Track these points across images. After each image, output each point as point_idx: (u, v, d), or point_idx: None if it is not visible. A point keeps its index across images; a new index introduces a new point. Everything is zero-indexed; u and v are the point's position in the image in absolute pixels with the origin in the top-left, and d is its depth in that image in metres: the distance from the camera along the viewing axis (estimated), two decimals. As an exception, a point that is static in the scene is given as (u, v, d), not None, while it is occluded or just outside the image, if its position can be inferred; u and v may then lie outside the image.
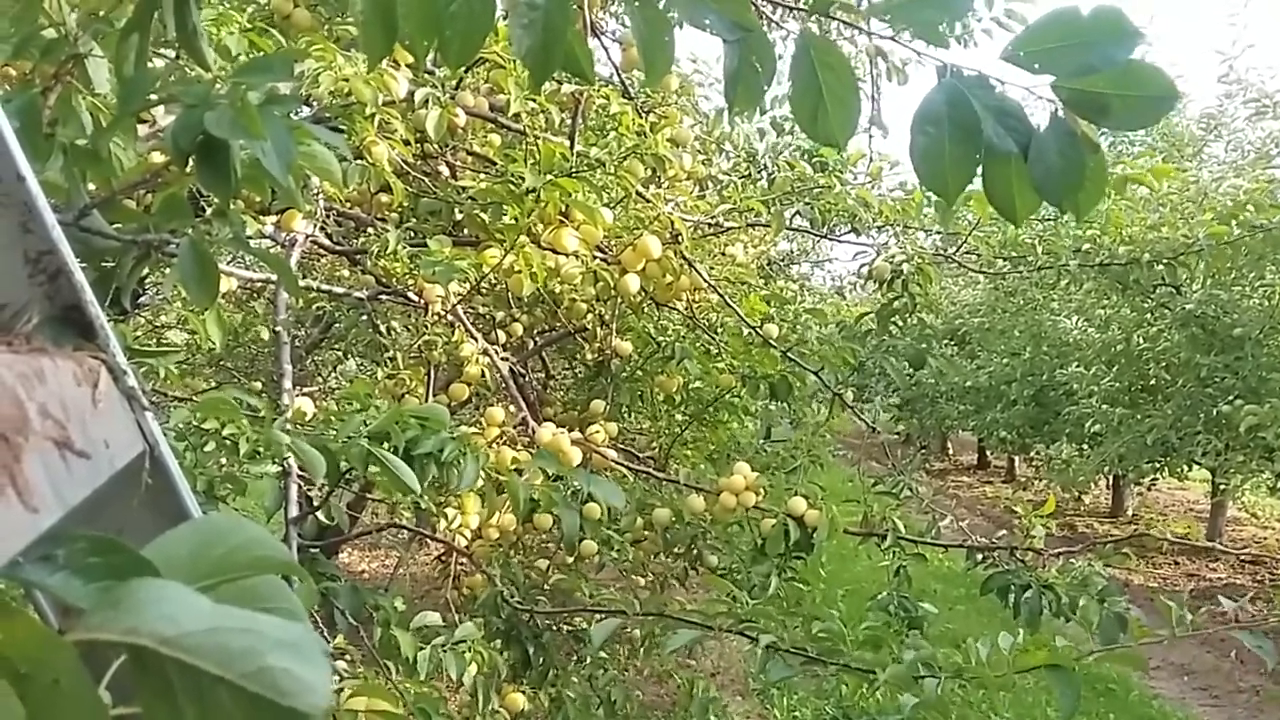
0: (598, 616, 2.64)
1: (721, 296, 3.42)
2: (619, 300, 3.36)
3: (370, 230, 2.88)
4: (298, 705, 0.33)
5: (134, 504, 0.67)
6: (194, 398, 2.22)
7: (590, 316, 3.51)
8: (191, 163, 0.95)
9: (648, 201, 3.11)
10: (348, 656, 2.22)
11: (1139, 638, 2.22)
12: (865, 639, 2.13)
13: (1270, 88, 10.05)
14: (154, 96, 1.07)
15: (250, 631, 0.35)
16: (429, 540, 4.39)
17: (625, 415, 4.18)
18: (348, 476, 2.51)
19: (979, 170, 1.08)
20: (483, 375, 3.01)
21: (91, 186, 1.27)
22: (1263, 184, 6.45)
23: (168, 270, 1.51)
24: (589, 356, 3.81)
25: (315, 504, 2.14)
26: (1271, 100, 9.94)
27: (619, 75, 3.39)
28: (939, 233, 4.34)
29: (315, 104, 2.52)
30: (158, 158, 1.52)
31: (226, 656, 0.34)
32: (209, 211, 1.12)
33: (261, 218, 2.71)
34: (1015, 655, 1.94)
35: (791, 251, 8.13)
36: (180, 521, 0.58)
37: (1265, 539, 12.16)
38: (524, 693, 2.83)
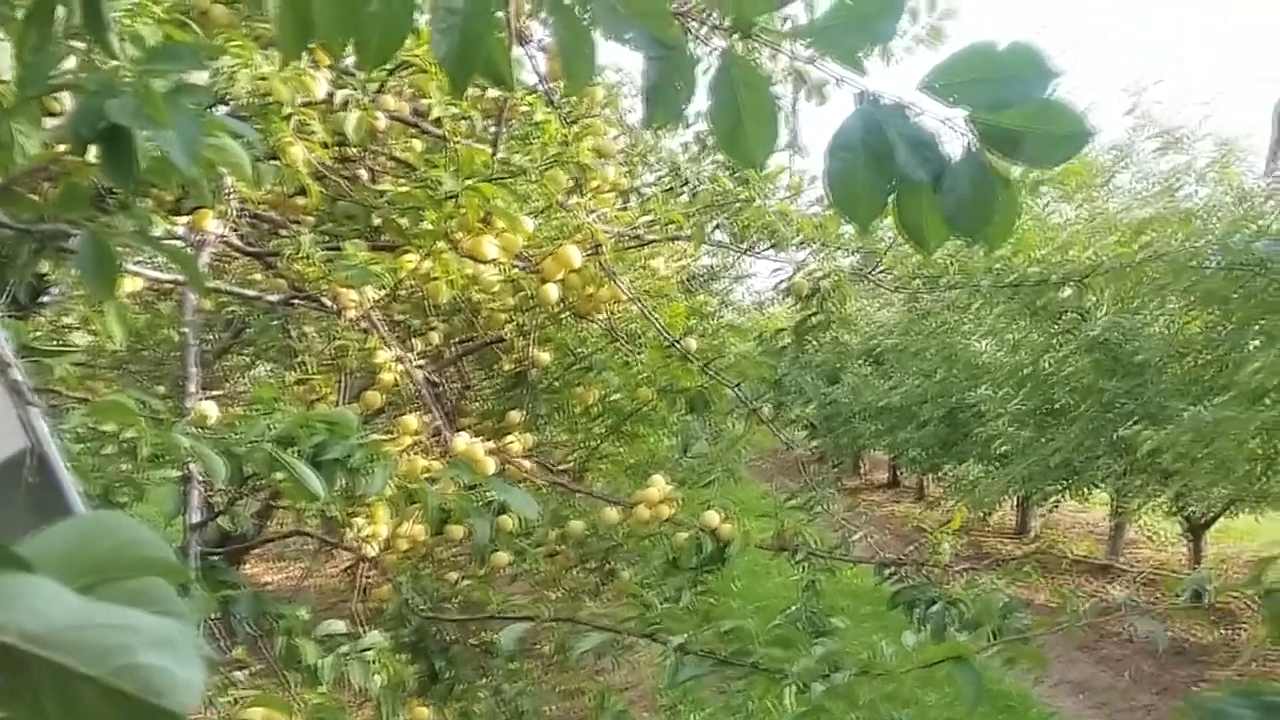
0: (508, 624, 2.61)
1: (642, 308, 3.42)
2: (538, 310, 3.35)
3: (284, 232, 2.83)
4: (170, 705, 0.32)
5: (16, 504, 0.65)
6: (93, 399, 2.15)
7: (509, 326, 3.49)
8: (94, 152, 0.92)
9: (570, 211, 3.11)
10: (249, 670, 2.16)
11: (1039, 627, 2.29)
12: (774, 638, 2.15)
13: (1175, 122, 10.42)
14: (59, 83, 1.03)
15: (122, 628, 0.33)
16: (337, 552, 4.31)
17: (543, 427, 4.16)
18: (255, 484, 2.45)
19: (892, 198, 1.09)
20: (397, 383, 2.97)
21: (-12, 175, 1.22)
22: (1165, 214, 6.69)
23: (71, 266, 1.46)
24: (507, 367, 3.78)
25: (218, 510, 2.09)
26: (1174, 135, 10.31)
27: (544, 84, 3.38)
28: (857, 250, 4.42)
29: (231, 102, 2.47)
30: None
31: (96, 654, 0.33)
32: (113, 204, 1.08)
33: (173, 218, 2.65)
34: (919, 651, 1.98)
35: (713, 267, 8.19)
36: (63, 520, 0.56)
37: (1162, 560, 12.56)
38: (429, 706, 2.79)
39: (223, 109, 2.42)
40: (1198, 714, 0.65)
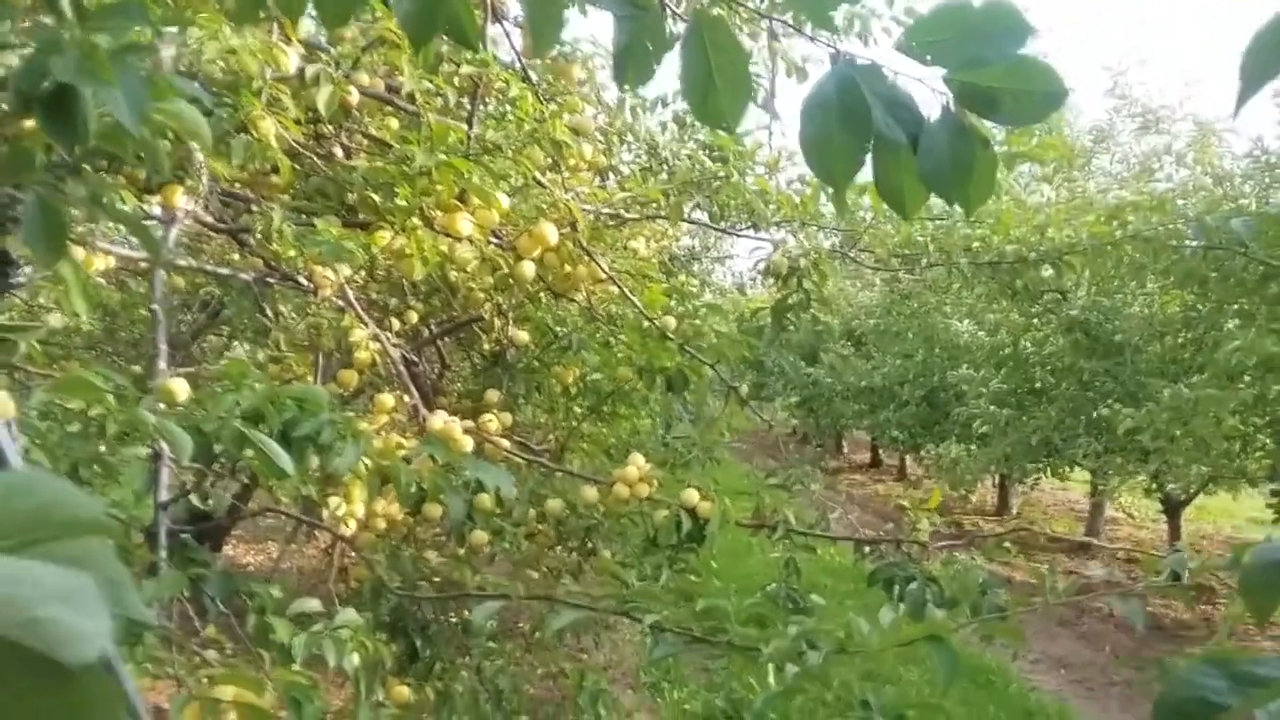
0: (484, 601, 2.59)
1: (620, 288, 3.40)
2: (516, 289, 3.32)
3: (256, 209, 2.79)
4: (68, 657, 0.30)
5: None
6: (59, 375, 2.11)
7: (488, 306, 3.46)
8: (37, 113, 0.89)
9: (546, 189, 3.08)
10: (222, 649, 2.14)
11: (1016, 605, 2.29)
12: (750, 616, 2.14)
13: (1155, 104, 10.46)
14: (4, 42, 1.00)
15: (20, 581, 0.31)
16: (318, 533, 4.28)
17: (522, 407, 4.14)
18: (233, 464, 2.42)
19: (867, 160, 1.07)
20: (374, 362, 2.94)
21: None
22: (1145, 196, 6.70)
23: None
24: (486, 347, 3.75)
25: (188, 488, 2.06)
26: (1155, 116, 10.34)
27: (520, 61, 3.34)
28: (837, 230, 4.40)
29: (201, 78, 2.43)
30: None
31: (-6, 608, 0.31)
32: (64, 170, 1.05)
33: (146, 196, 2.60)
34: (896, 629, 1.97)
35: (693, 248, 8.16)
36: None
37: (1141, 538, 12.66)
38: (409, 685, 2.77)
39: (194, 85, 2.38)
40: (1171, 682, 0.64)
